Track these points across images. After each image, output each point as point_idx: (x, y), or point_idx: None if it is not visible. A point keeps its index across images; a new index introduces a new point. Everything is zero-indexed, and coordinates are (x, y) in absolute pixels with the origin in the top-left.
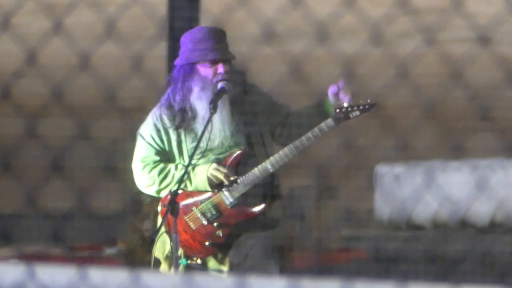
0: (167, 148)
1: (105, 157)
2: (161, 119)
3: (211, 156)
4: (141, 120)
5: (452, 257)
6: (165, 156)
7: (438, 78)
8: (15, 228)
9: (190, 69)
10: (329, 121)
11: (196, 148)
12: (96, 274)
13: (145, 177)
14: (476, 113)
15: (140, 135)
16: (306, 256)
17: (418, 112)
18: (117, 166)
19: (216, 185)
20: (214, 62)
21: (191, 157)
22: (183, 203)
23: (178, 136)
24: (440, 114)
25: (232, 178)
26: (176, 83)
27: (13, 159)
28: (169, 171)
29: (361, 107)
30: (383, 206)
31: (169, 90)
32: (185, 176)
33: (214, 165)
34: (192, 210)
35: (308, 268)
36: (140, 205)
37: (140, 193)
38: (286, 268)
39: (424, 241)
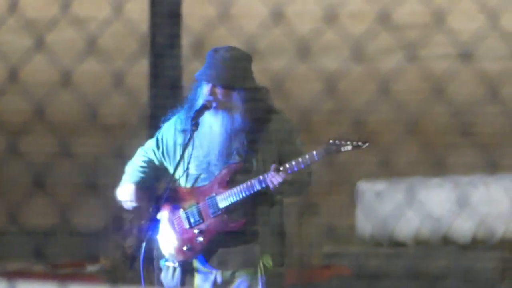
0: (170, 151)
1: (87, 174)
2: (177, 120)
3: (202, 170)
4: (123, 136)
5: (434, 274)
6: (160, 157)
7: (419, 94)
8: None
9: (199, 84)
10: (320, 151)
11: (179, 162)
12: None
13: (129, 164)
14: (457, 129)
15: (160, 130)
16: (288, 272)
17: (399, 128)
18: (99, 183)
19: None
20: (207, 83)
21: (174, 170)
22: (172, 203)
23: (184, 141)
24: (422, 130)
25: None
26: (189, 93)
27: None
28: (133, 162)
29: (354, 143)
30: (365, 223)
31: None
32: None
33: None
34: (177, 213)
35: (290, 285)
36: (122, 221)
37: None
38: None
39: (406, 257)
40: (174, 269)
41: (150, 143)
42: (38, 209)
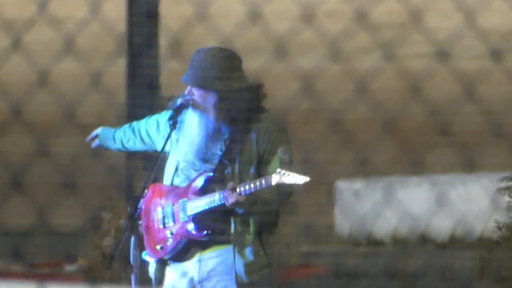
0: (160, 136)
1: (65, 174)
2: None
3: (181, 173)
4: None
5: (412, 273)
6: (148, 137)
7: (397, 93)
8: None
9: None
10: (268, 180)
11: (159, 157)
12: None
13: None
14: (435, 128)
15: (164, 111)
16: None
17: (377, 127)
18: (76, 182)
19: None
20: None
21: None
22: (153, 199)
23: (169, 138)
24: (399, 129)
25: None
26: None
27: None
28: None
29: (296, 176)
30: (343, 222)
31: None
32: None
33: None
34: (157, 210)
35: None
36: (100, 221)
37: (101, 207)
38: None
39: (384, 256)
40: (151, 264)
41: (145, 119)
42: (16, 209)
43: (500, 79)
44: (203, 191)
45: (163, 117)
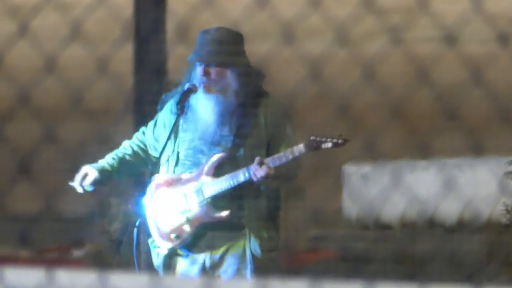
0: (161, 133)
1: (72, 159)
2: (172, 103)
3: (190, 157)
4: (108, 122)
5: (420, 256)
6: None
7: (404, 78)
8: None
9: (192, 67)
10: (301, 147)
11: (164, 145)
12: (64, 276)
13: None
14: (443, 112)
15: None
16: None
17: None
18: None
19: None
20: (200, 63)
21: (160, 156)
22: (166, 189)
23: (176, 125)
24: (407, 114)
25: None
26: (185, 77)
27: None
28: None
29: (334, 140)
30: (351, 206)
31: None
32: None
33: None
34: (168, 199)
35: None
36: (108, 207)
37: (109, 193)
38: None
39: (392, 240)
40: (158, 253)
41: (145, 128)
42: (23, 195)
43: (507, 63)
44: (219, 172)
45: (159, 118)
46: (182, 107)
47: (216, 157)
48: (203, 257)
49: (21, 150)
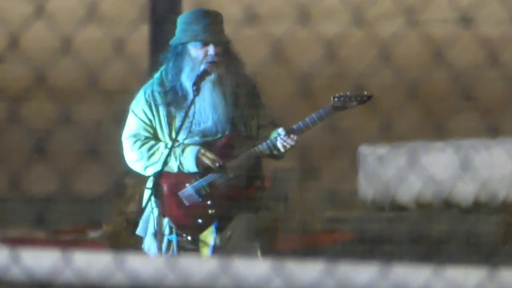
0: (157, 125)
1: (88, 140)
2: (153, 96)
3: (201, 138)
4: (124, 102)
5: (436, 238)
6: (155, 133)
7: (420, 59)
8: None
9: (182, 49)
10: (328, 108)
11: (179, 129)
12: (80, 257)
13: (134, 153)
14: (459, 94)
15: (132, 110)
16: (290, 238)
17: (401, 93)
18: (100, 148)
19: (204, 169)
20: (205, 44)
21: (175, 138)
22: (176, 179)
23: (169, 114)
24: (423, 95)
25: (218, 164)
26: (168, 62)
27: None
28: (158, 148)
29: (358, 98)
30: (367, 187)
31: (162, 68)
32: (169, 157)
33: (202, 150)
34: (185, 186)
35: (292, 250)
36: (124, 187)
37: (125, 173)
38: (270, 250)
39: (408, 221)
40: (189, 243)
41: (135, 126)
42: (39, 176)
43: None
44: (233, 151)
45: (143, 103)
46: (198, 88)
47: (228, 136)
48: (212, 237)
49: (37, 131)
